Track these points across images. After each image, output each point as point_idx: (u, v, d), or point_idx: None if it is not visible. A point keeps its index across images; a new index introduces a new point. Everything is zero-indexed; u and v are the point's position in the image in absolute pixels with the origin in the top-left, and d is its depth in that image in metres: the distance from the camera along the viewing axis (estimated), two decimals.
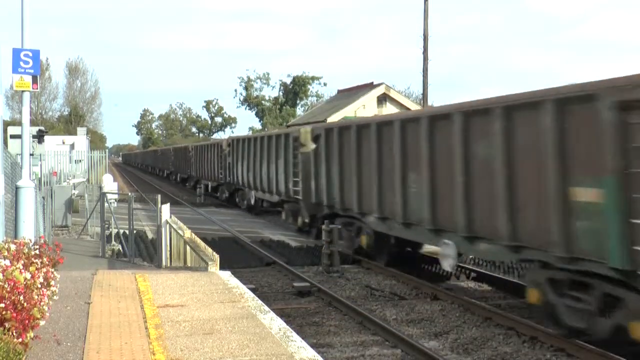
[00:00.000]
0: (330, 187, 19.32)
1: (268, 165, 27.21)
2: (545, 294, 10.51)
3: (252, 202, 30.15)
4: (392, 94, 45.19)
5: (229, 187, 36.46)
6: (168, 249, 15.26)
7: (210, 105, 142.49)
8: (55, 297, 7.67)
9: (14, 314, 6.32)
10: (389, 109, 42.74)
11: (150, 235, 22.75)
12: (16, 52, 13.02)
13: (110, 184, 23.60)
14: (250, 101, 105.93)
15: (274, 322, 8.40)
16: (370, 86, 46.02)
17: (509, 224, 11.12)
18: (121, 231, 19.18)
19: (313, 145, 20.66)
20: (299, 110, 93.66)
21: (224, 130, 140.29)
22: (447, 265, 13.36)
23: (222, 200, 38.02)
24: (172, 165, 65.63)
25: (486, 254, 13.06)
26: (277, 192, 25.77)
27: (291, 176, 23.04)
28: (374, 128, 16.52)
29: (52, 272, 7.65)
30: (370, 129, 16.69)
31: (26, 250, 7.74)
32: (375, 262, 17.33)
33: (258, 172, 28.91)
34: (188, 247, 13.78)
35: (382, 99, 44.29)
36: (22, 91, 13.42)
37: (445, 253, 13.27)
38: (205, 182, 42.93)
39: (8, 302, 6.32)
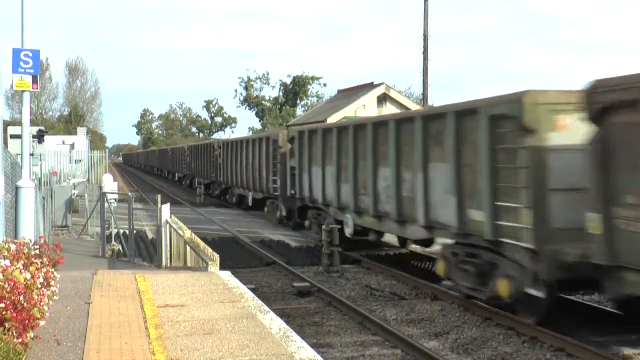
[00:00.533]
0: (302, 183, 22.04)
1: (252, 165, 29.61)
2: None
3: (236, 199, 33.41)
4: (392, 94, 45.16)
5: (219, 186, 38.89)
6: (168, 249, 15.26)
7: (210, 105, 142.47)
8: (55, 297, 7.67)
9: (14, 314, 6.32)
10: (389, 109, 42.73)
11: (150, 235, 22.75)
12: (16, 52, 13.02)
13: (110, 184, 23.58)
14: (251, 101, 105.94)
15: (274, 322, 8.40)
16: (370, 86, 46.00)
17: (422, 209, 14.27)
18: (121, 231, 19.17)
19: (288, 146, 23.54)
20: (299, 111, 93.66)
21: (224, 130, 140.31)
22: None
23: (214, 197, 40.41)
24: (170, 164, 67.31)
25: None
26: (261, 190, 28.44)
27: (271, 175, 26.16)
28: (335, 132, 19.15)
29: (52, 272, 7.65)
30: (332, 133, 19.31)
31: (26, 250, 7.74)
32: (376, 263, 17.36)
33: (244, 171, 31.24)
34: (188, 247, 13.78)
35: (382, 99, 44.28)
36: (22, 91, 13.42)
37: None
38: (199, 180, 45.55)
39: (8, 302, 6.32)
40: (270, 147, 26.69)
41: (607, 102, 9.27)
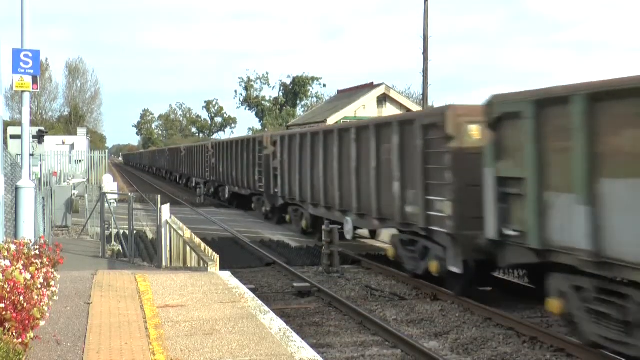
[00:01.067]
0: (283, 182, 24.62)
1: (241, 165, 32.07)
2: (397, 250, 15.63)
3: (227, 196, 35.84)
4: (392, 94, 45.20)
5: (213, 184, 41.36)
6: (168, 249, 15.26)
7: (210, 106, 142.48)
8: (55, 298, 7.67)
9: (14, 314, 6.32)
10: (389, 110, 42.75)
11: (150, 236, 22.75)
12: (16, 53, 13.02)
13: (110, 184, 23.58)
14: (251, 101, 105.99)
15: (274, 323, 8.40)
16: (370, 86, 46.03)
17: (375, 203, 16.63)
18: (121, 231, 19.18)
19: (272, 149, 25.86)
20: (299, 111, 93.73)
21: (224, 131, 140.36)
22: (348, 235, 18.67)
23: (208, 194, 42.70)
24: (168, 164, 68.75)
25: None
26: (248, 187, 30.96)
27: (257, 174, 28.66)
28: (309, 137, 21.63)
29: (52, 273, 7.64)
30: (307, 137, 21.82)
31: (26, 250, 7.73)
32: (376, 263, 17.37)
33: (234, 170, 33.88)
34: (188, 248, 13.78)
35: (382, 99, 44.31)
36: (22, 91, 13.43)
37: (347, 227, 18.56)
38: (195, 180, 48.67)
39: (8, 302, 6.32)
40: (256, 148, 28.89)
41: (500, 113, 11.37)
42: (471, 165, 12.44)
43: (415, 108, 41.30)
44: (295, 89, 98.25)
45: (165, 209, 15.40)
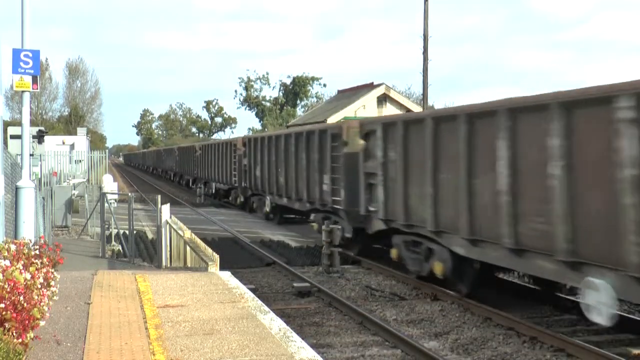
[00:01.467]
0: (251, 177, 30.13)
1: (222, 164, 37.38)
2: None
3: (214, 191, 40.61)
4: (392, 94, 45.21)
5: (200, 180, 46.24)
6: (168, 249, 15.26)
7: (210, 106, 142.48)
8: (55, 298, 7.67)
9: (14, 314, 6.32)
10: (389, 110, 42.75)
11: (150, 236, 22.75)
12: (16, 52, 13.02)
13: (110, 184, 23.58)
14: (251, 101, 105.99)
15: (274, 323, 8.40)
16: (370, 86, 46.04)
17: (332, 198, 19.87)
18: (121, 231, 19.18)
19: (243, 149, 31.71)
20: (299, 111, 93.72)
21: (224, 131, 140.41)
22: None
23: (197, 189, 46.53)
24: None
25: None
26: (227, 183, 36.28)
27: (233, 171, 34.19)
28: (273, 139, 26.27)
29: (52, 273, 7.65)
30: (272, 139, 26.43)
31: (26, 250, 7.74)
32: (376, 263, 17.37)
33: (218, 169, 38.89)
34: (188, 248, 13.77)
35: (382, 99, 44.32)
36: (22, 91, 13.43)
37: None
38: (186, 177, 54.81)
39: (8, 302, 6.31)
40: (232, 150, 34.26)
41: (368, 129, 16.76)
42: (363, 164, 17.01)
43: (416, 108, 41.31)
44: (295, 89, 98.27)
45: (165, 209, 15.40)
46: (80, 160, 43.85)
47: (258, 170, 28.56)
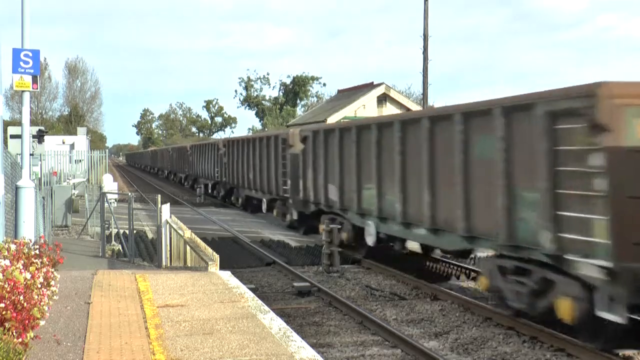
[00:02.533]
0: (230, 173, 35.20)
1: (207, 163, 42.38)
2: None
3: (203, 188, 43.77)
4: (392, 94, 45.17)
5: (190, 178, 51.78)
6: (168, 249, 15.25)
7: (211, 105, 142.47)
8: (55, 297, 7.67)
9: (14, 314, 6.31)
10: (389, 109, 42.73)
11: (150, 235, 22.74)
12: (16, 52, 13.01)
13: (110, 184, 23.60)
14: (251, 101, 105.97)
15: (274, 322, 8.40)
16: (370, 86, 46.01)
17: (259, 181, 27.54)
18: (121, 231, 19.17)
19: (223, 149, 36.65)
20: (299, 111, 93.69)
21: (224, 130, 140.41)
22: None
23: (187, 187, 52.36)
24: (159, 162, 74.55)
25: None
26: (213, 179, 40.84)
27: (216, 169, 39.09)
28: (250, 141, 30.42)
29: (52, 272, 7.64)
30: (248, 141, 30.89)
31: (26, 250, 7.73)
32: (376, 263, 17.38)
33: (204, 167, 43.63)
34: (188, 247, 13.77)
35: (382, 99, 44.29)
36: (22, 91, 13.42)
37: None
38: (179, 175, 59.36)
39: (8, 302, 6.31)
40: (215, 150, 39.04)
41: (304, 135, 21.10)
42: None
43: (416, 107, 41.28)
44: (295, 89, 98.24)
45: (165, 208, 15.39)
46: (80, 160, 43.85)
47: (235, 167, 33.71)
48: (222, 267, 12.62)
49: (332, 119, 41.16)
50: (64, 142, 44.73)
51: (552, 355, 10.04)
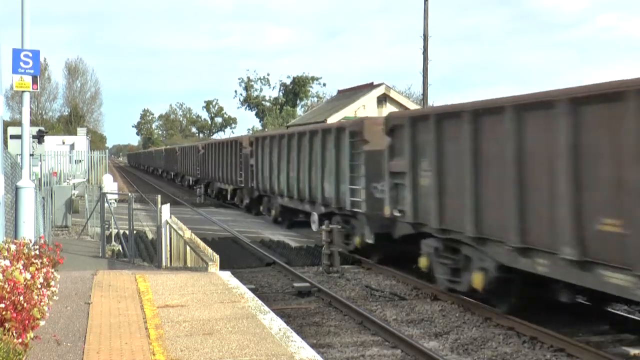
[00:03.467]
0: (207, 170, 42.65)
1: (191, 161, 50.38)
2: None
3: (191, 183, 51.15)
4: (392, 94, 45.14)
5: (179, 175, 60.41)
6: (168, 249, 15.25)
7: (211, 106, 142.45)
8: (55, 298, 7.66)
9: (14, 314, 6.31)
10: (390, 109, 42.66)
11: (150, 236, 22.74)
12: (16, 53, 13.01)
13: (110, 184, 23.59)
14: (251, 101, 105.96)
15: (274, 323, 8.40)
16: (370, 86, 45.97)
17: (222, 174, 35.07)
18: (121, 231, 19.17)
19: (202, 151, 43.68)
20: (299, 111, 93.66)
21: (224, 131, 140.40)
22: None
23: (185, 185, 56.58)
24: (154, 162, 77.90)
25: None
26: (194, 176, 48.73)
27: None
28: (224, 144, 37.00)
29: (52, 273, 7.64)
30: (223, 144, 37.13)
31: (26, 250, 7.72)
32: (374, 262, 17.37)
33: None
34: (188, 248, 13.77)
35: (382, 99, 44.26)
36: (22, 91, 13.41)
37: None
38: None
39: (8, 302, 6.31)
40: (196, 151, 47.33)
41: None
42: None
43: (416, 108, 41.24)
44: (295, 89, 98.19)
45: (165, 208, 15.39)
46: (80, 160, 43.85)
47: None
48: (222, 267, 12.62)
49: (332, 120, 41.15)
50: (64, 143, 44.74)
51: (552, 355, 10.04)
